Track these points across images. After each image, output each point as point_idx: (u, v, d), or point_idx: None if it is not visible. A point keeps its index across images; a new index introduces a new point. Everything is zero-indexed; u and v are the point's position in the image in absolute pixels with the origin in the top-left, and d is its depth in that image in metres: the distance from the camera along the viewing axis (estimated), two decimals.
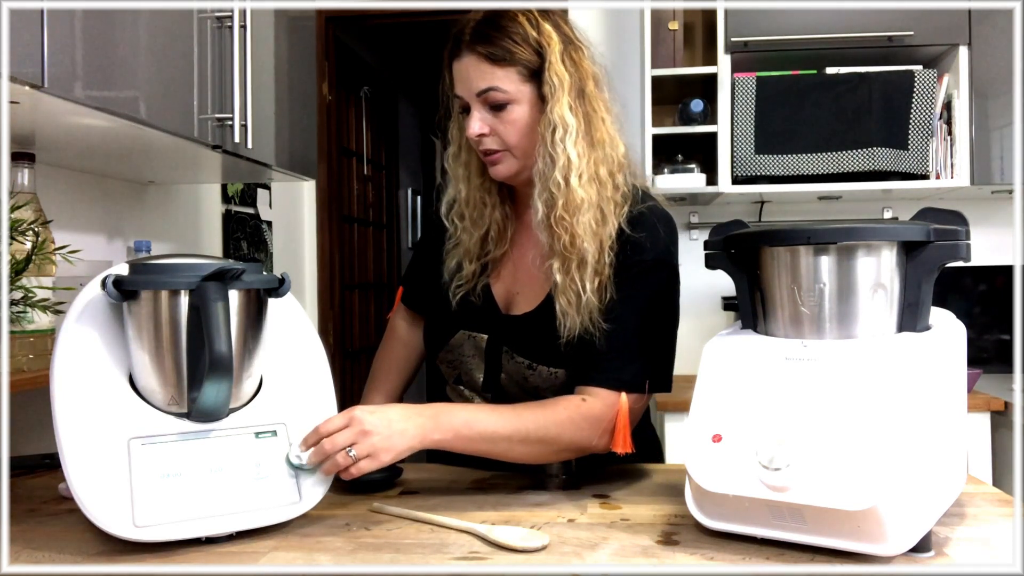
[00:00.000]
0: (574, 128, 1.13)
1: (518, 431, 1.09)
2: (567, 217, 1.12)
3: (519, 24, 1.14)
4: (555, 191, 1.13)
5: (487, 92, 1.14)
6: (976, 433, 2.38)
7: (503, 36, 1.13)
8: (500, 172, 1.20)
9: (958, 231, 0.90)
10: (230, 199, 2.58)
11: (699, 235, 2.99)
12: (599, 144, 1.16)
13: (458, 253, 1.25)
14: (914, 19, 2.58)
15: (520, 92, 1.14)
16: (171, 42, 1.37)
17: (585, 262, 1.13)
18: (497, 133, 1.16)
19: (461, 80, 1.16)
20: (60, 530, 1.00)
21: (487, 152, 1.18)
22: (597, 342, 1.14)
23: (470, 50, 1.14)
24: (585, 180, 1.13)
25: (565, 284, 1.13)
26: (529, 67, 1.14)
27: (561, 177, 1.13)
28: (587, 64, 1.18)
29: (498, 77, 1.13)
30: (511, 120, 1.15)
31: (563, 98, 1.13)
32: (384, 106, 4.14)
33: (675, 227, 1.22)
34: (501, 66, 1.13)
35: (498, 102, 1.14)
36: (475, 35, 1.14)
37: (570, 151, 1.13)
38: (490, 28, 1.14)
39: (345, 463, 0.99)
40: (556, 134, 1.13)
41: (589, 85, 1.17)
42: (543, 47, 1.14)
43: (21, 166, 1.36)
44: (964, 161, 2.60)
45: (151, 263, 0.96)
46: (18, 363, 1.27)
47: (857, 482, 0.80)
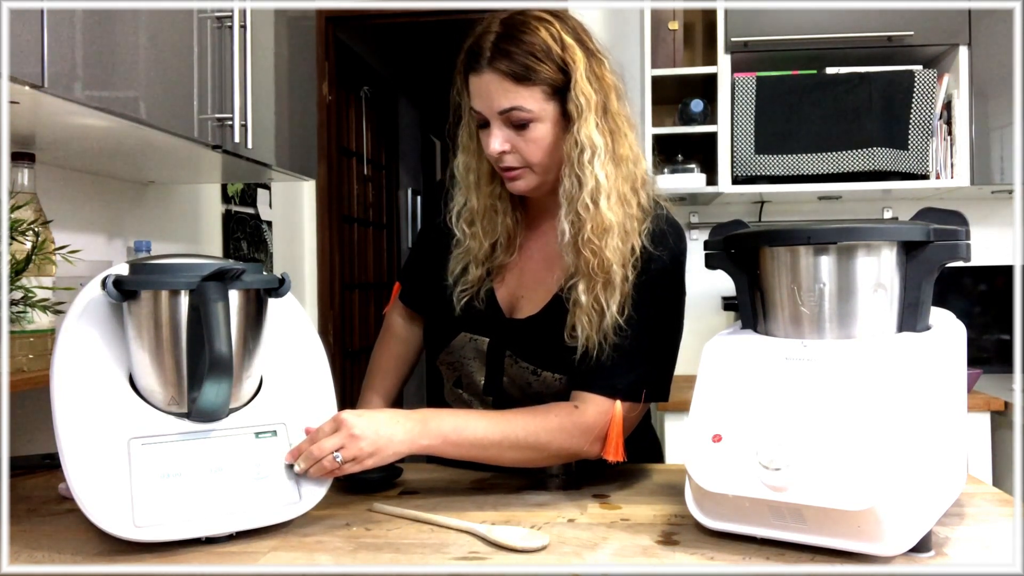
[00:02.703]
0: (601, 148, 1.11)
1: (507, 437, 1.09)
2: (595, 240, 1.10)
3: (541, 39, 1.10)
4: (583, 213, 1.11)
5: (509, 111, 1.11)
6: (976, 433, 2.38)
7: (526, 54, 1.09)
8: (519, 188, 1.18)
9: (958, 231, 0.90)
10: (230, 199, 2.58)
11: (699, 235, 2.99)
12: (623, 161, 1.14)
13: (465, 258, 1.23)
14: (914, 19, 2.57)
15: (544, 110, 1.11)
16: (171, 42, 1.37)
17: (612, 284, 1.11)
18: (518, 150, 1.14)
19: (481, 96, 1.12)
20: (60, 530, 1.00)
21: (507, 168, 1.16)
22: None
23: (492, 68, 1.10)
24: (613, 201, 1.12)
25: (589, 305, 1.12)
26: (553, 85, 1.11)
27: (590, 200, 1.11)
28: (609, 76, 1.15)
29: (522, 96, 1.10)
30: (534, 138, 1.13)
31: (590, 117, 1.11)
32: (384, 106, 4.14)
33: (684, 236, 1.21)
34: (525, 85, 1.09)
35: (521, 121, 1.11)
36: (496, 51, 1.10)
37: (598, 172, 1.11)
38: (512, 44, 1.09)
39: (332, 467, 1.00)
40: (584, 155, 1.11)
41: (612, 100, 1.14)
42: (567, 64, 1.10)
43: (21, 166, 1.36)
44: (964, 161, 2.60)
45: (151, 263, 0.96)
46: (18, 363, 1.27)
47: (857, 482, 0.80)
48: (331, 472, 1.00)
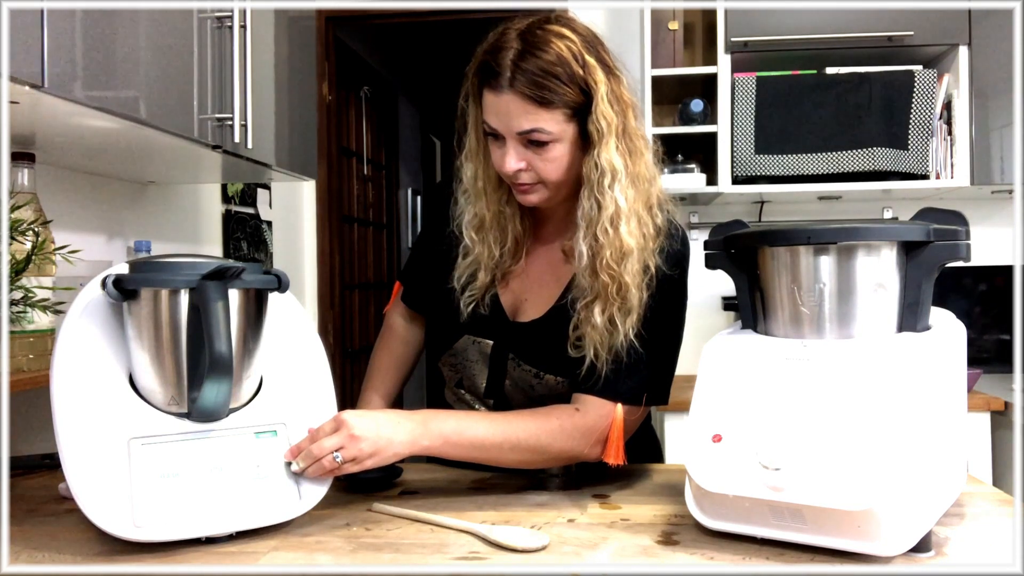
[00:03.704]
0: (622, 172, 1.10)
1: (508, 439, 1.09)
2: (615, 266, 1.09)
3: (563, 60, 1.07)
4: (602, 237, 1.10)
5: (529, 132, 1.08)
6: (976, 433, 2.38)
7: (547, 76, 1.06)
8: (531, 201, 1.16)
9: (958, 231, 0.90)
10: (230, 199, 2.58)
11: (699, 235, 2.99)
12: (641, 181, 1.13)
13: (473, 264, 1.22)
14: (914, 19, 2.58)
15: (563, 132, 1.09)
16: (171, 42, 1.37)
17: (631, 308, 1.11)
18: (534, 168, 1.12)
19: (499, 116, 1.09)
20: (60, 530, 1.00)
21: (520, 184, 1.14)
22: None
23: (512, 89, 1.07)
24: (633, 225, 1.10)
25: (603, 326, 1.11)
26: (574, 107, 1.09)
27: (610, 225, 1.09)
28: (627, 95, 1.13)
29: (543, 119, 1.08)
30: (551, 158, 1.11)
31: (611, 141, 1.09)
32: (384, 106, 4.14)
33: (689, 244, 1.20)
34: (546, 108, 1.07)
35: (540, 140, 1.10)
36: (517, 71, 1.06)
37: (618, 196, 1.10)
38: (533, 65, 1.06)
39: (331, 467, 1.00)
40: (604, 180, 1.09)
41: (630, 120, 1.13)
42: (589, 87, 1.08)
43: (21, 166, 1.36)
44: (964, 161, 2.60)
45: (151, 262, 0.96)
46: (18, 363, 1.28)
47: (857, 482, 0.80)
48: (330, 472, 1.00)
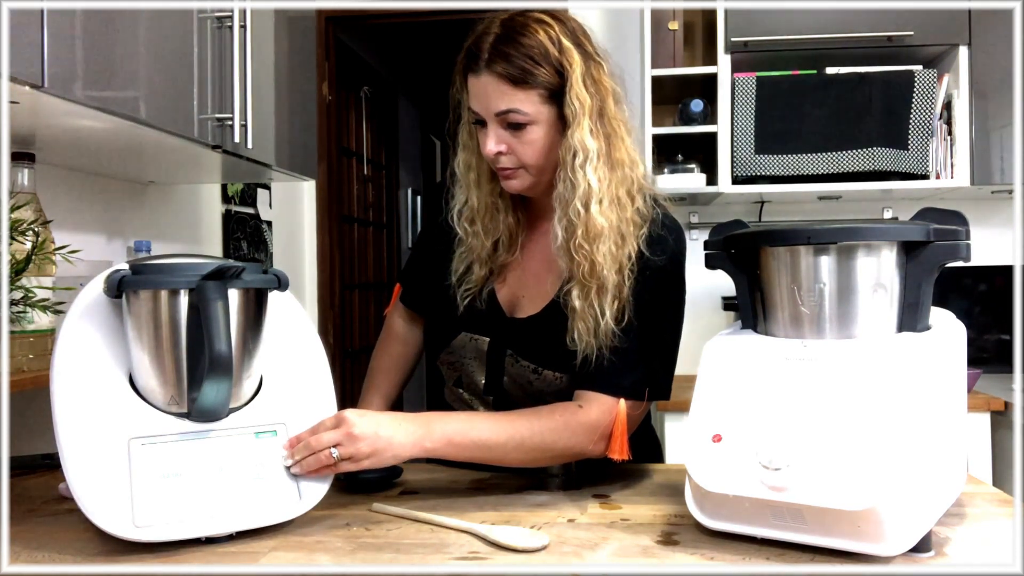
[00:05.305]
0: (595, 152, 1.11)
1: (512, 438, 1.09)
2: (586, 245, 1.11)
3: (539, 42, 1.10)
4: (575, 218, 1.11)
5: (506, 113, 1.11)
6: (976, 433, 2.38)
7: (523, 56, 1.09)
8: (514, 187, 1.18)
9: (958, 231, 0.90)
10: (230, 199, 2.58)
11: (699, 235, 2.98)
12: (619, 165, 1.14)
13: (468, 257, 1.24)
14: (914, 19, 2.57)
15: (539, 113, 1.12)
16: (171, 42, 1.37)
17: (605, 289, 1.11)
18: (514, 152, 1.14)
19: (478, 97, 1.13)
20: (60, 530, 1.00)
21: (502, 168, 1.16)
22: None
23: (489, 69, 1.10)
24: (606, 205, 1.11)
25: (584, 310, 1.12)
26: (550, 88, 1.11)
27: (581, 204, 1.11)
28: (607, 81, 1.15)
29: (518, 99, 1.10)
30: (529, 140, 1.13)
31: (584, 122, 1.10)
32: (384, 106, 4.14)
33: (683, 236, 1.21)
34: (521, 88, 1.10)
35: (517, 123, 1.12)
36: (494, 53, 1.10)
37: (591, 177, 1.11)
38: (510, 47, 1.10)
39: (327, 462, 1.00)
40: (576, 160, 1.11)
41: (609, 104, 1.14)
42: (564, 68, 1.10)
43: (21, 166, 1.36)
44: (964, 161, 2.60)
45: (151, 262, 0.96)
46: (18, 363, 1.28)
47: (857, 482, 0.80)
48: (326, 467, 1.00)
